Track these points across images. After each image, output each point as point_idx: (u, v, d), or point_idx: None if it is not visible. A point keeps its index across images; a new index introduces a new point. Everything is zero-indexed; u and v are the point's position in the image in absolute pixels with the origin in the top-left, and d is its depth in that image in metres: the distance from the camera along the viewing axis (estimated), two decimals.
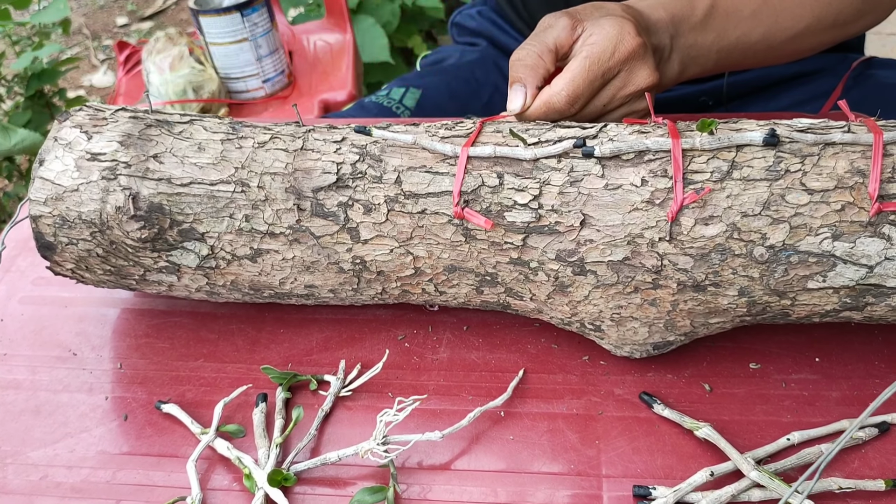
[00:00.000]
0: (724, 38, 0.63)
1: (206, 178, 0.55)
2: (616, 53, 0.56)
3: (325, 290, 0.58)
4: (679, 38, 0.62)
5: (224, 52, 1.17)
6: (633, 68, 0.57)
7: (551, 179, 0.51)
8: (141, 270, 0.58)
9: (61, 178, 0.55)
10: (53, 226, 0.55)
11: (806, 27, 0.65)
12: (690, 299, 0.51)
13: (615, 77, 0.58)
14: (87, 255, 0.56)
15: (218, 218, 0.55)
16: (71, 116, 0.58)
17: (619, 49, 0.56)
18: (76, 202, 0.55)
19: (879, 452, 0.51)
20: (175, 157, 0.55)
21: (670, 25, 0.62)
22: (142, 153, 0.55)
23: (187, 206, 0.55)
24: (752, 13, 0.64)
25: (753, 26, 0.64)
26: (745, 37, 0.64)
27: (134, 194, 0.54)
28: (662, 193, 0.49)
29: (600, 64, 0.56)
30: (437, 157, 0.54)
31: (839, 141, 0.48)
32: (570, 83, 0.56)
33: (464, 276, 0.55)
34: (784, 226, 0.48)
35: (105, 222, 0.54)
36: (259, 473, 0.50)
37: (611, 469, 0.51)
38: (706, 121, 0.50)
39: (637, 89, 0.58)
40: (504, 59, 1.02)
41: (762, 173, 0.48)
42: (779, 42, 0.66)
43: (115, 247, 0.55)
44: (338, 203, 0.54)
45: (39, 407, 0.58)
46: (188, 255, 0.56)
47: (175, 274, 0.58)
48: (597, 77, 0.57)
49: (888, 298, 0.49)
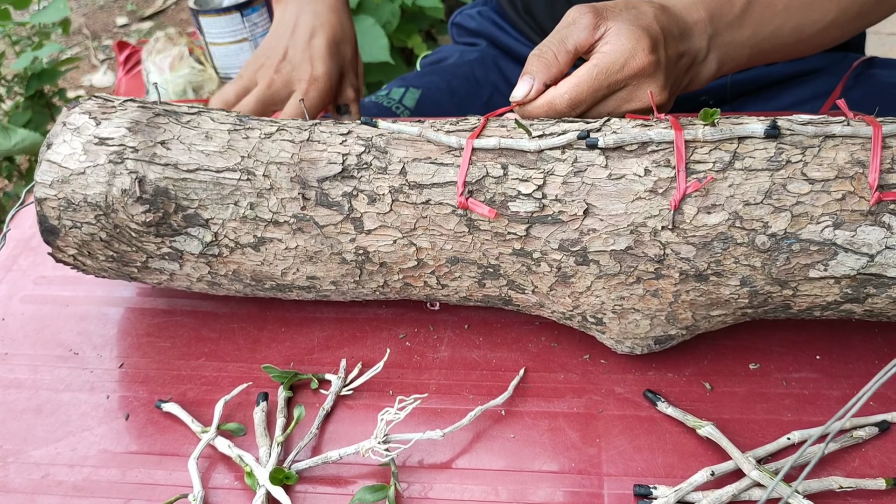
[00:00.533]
0: (758, 32, 0.63)
1: (213, 165, 0.55)
2: (625, 68, 0.56)
3: (327, 281, 0.58)
4: (717, 38, 0.61)
5: (224, 52, 1.17)
6: (640, 85, 0.57)
7: (555, 170, 0.52)
8: (143, 257, 0.58)
9: (68, 161, 0.55)
10: (58, 209, 0.56)
11: (833, 19, 0.65)
12: (692, 289, 0.51)
13: (621, 90, 0.57)
14: (91, 240, 0.56)
15: (223, 205, 0.55)
16: (80, 104, 0.58)
17: (630, 64, 0.56)
18: (82, 185, 0.55)
19: (880, 451, 0.51)
20: (182, 145, 0.56)
21: (709, 25, 0.61)
22: (149, 139, 0.56)
23: (193, 192, 0.55)
24: (784, 7, 0.63)
25: (786, 20, 0.64)
26: (779, 31, 0.64)
27: (140, 177, 0.54)
28: (665, 183, 0.50)
29: (608, 75, 0.56)
30: (443, 149, 0.54)
31: (839, 133, 0.49)
32: (575, 88, 0.56)
33: (466, 268, 0.55)
34: (786, 214, 0.48)
35: (110, 205, 0.55)
36: (260, 472, 0.51)
37: (612, 468, 0.51)
38: (709, 111, 0.50)
39: (642, 106, 0.58)
40: (504, 59, 1.02)
41: (764, 163, 0.49)
42: (807, 35, 0.66)
43: (119, 231, 0.56)
44: (342, 193, 0.55)
45: (41, 406, 0.58)
46: (191, 242, 0.56)
47: (177, 261, 0.58)
48: (602, 87, 0.56)
49: (889, 289, 0.49)
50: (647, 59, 0.56)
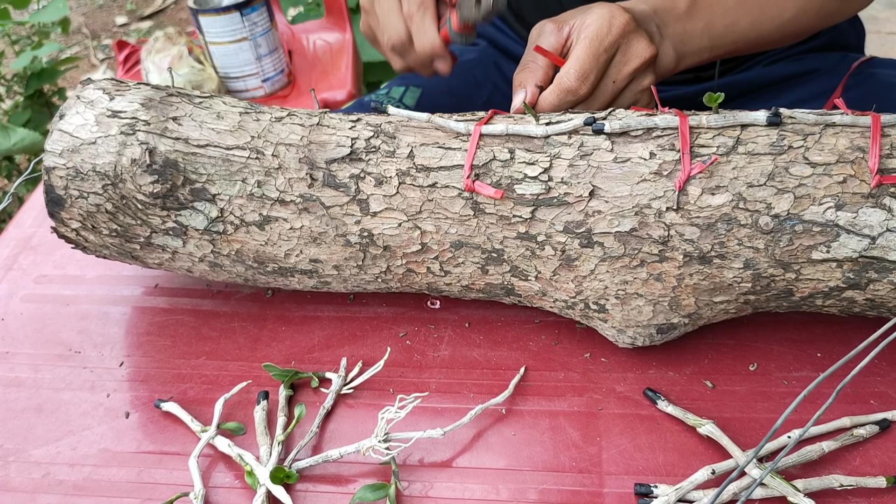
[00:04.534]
0: (713, 26, 0.66)
1: (223, 142, 0.56)
2: (613, 28, 0.59)
3: (330, 265, 0.58)
4: (666, 28, 0.64)
5: (223, 52, 1.17)
6: (630, 41, 0.60)
7: (562, 153, 0.53)
8: (147, 231, 0.58)
9: (80, 131, 0.56)
10: (66, 178, 0.56)
11: (791, 17, 0.68)
12: (696, 272, 0.51)
13: (617, 52, 0.60)
14: (96, 211, 0.56)
15: (231, 181, 0.56)
16: (95, 82, 0.59)
17: (614, 24, 0.59)
18: (92, 154, 0.55)
19: (881, 450, 0.51)
20: (194, 122, 0.56)
21: (654, 16, 0.64)
22: (162, 114, 0.56)
23: (201, 166, 0.55)
24: (736, 4, 0.66)
25: (741, 16, 0.67)
26: (734, 25, 0.67)
27: (151, 148, 0.55)
28: (670, 165, 0.50)
29: (600, 40, 0.59)
30: (451, 135, 0.55)
31: (839, 122, 0.50)
32: (577, 61, 0.59)
33: (470, 252, 0.55)
34: (788, 196, 0.49)
35: (119, 175, 0.55)
36: (261, 471, 0.50)
37: (612, 466, 0.51)
38: (713, 95, 0.51)
39: (640, 62, 0.60)
40: (503, 58, 1.02)
41: (766, 148, 0.50)
42: (767, 30, 0.68)
43: (126, 202, 0.56)
44: (350, 175, 0.55)
45: (41, 405, 0.58)
46: (197, 216, 0.56)
47: (181, 237, 0.58)
48: (600, 52, 0.59)
49: (890, 274, 0.49)
50: (625, 16, 0.59)
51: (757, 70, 0.88)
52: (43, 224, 0.76)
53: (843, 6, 0.71)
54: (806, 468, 0.50)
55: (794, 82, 0.90)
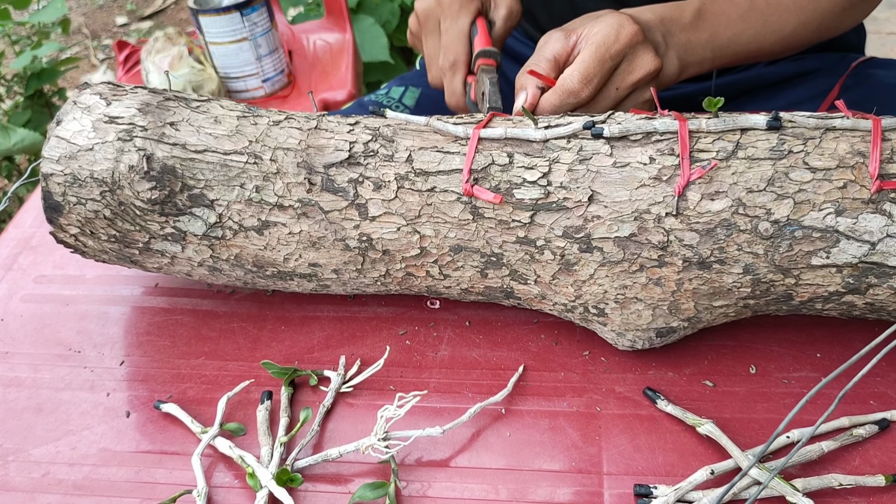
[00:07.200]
0: (717, 37, 0.67)
1: (220, 147, 0.56)
2: (620, 38, 0.59)
3: (329, 269, 0.58)
4: (672, 37, 0.65)
5: (223, 52, 1.17)
6: (636, 52, 0.60)
7: (561, 158, 0.52)
8: (146, 237, 0.58)
9: (77, 137, 0.56)
10: (64, 184, 0.56)
11: (792, 31, 0.70)
12: (695, 277, 0.51)
13: (622, 61, 0.61)
14: (94, 217, 0.56)
15: (229, 186, 0.55)
16: (91, 86, 0.59)
17: (622, 34, 0.59)
18: (89, 161, 0.55)
19: (880, 450, 0.51)
20: (191, 127, 0.56)
21: (661, 25, 0.65)
22: (159, 120, 0.56)
23: (199, 172, 0.55)
24: (739, 16, 0.67)
25: (743, 28, 0.68)
26: (737, 37, 0.68)
27: (148, 154, 0.55)
28: (669, 170, 0.50)
29: (607, 47, 0.59)
30: (449, 139, 0.55)
31: (839, 126, 0.49)
32: (581, 64, 0.59)
33: (469, 256, 0.55)
34: (788, 201, 0.49)
35: (116, 181, 0.55)
36: (263, 472, 0.50)
37: (612, 466, 0.51)
38: (713, 99, 0.51)
39: (645, 73, 0.61)
40: (504, 58, 1.02)
41: (766, 153, 0.49)
42: (769, 43, 0.70)
43: (124, 209, 0.56)
44: (348, 179, 0.55)
45: (41, 405, 0.58)
46: (196, 222, 0.56)
47: (180, 243, 0.58)
48: (605, 59, 0.59)
49: (890, 279, 0.49)
50: (633, 27, 0.60)
51: (757, 69, 0.88)
52: (42, 224, 0.76)
53: (841, 21, 0.72)
54: (805, 468, 0.50)
55: (793, 82, 0.90)
